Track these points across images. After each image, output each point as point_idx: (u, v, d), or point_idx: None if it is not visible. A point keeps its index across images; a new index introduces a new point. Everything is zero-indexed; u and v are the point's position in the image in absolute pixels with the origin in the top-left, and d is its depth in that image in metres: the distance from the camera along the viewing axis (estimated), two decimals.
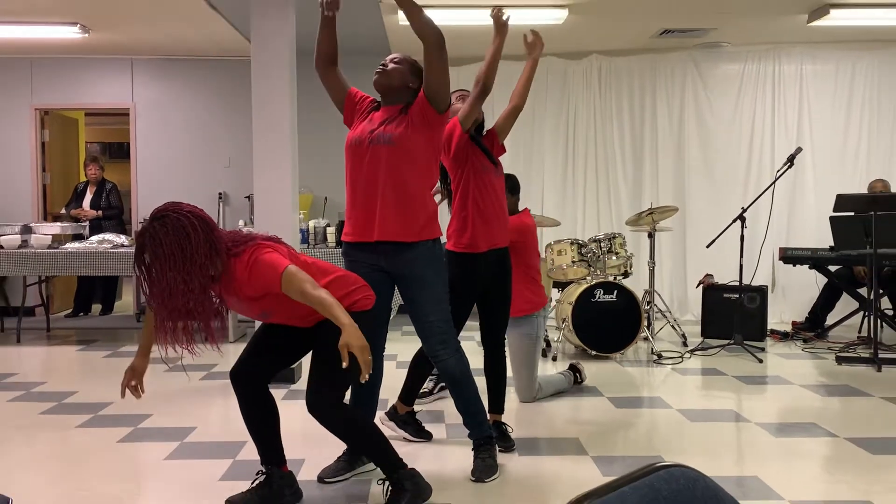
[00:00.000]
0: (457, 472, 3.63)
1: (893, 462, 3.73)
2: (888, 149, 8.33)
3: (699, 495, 1.02)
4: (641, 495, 0.95)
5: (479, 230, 3.86)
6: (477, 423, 3.62)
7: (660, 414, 4.64)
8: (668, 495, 0.98)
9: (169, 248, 2.75)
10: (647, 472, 0.99)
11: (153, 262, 2.77)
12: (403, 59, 3.51)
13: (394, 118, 3.43)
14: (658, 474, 1.00)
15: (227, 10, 6.73)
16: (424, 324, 3.49)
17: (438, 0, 6.38)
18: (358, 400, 3.64)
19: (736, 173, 8.46)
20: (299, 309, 3.05)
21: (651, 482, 0.98)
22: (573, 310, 6.10)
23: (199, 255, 2.78)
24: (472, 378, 3.59)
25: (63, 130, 9.48)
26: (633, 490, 0.95)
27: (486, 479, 3.50)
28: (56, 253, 6.80)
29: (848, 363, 6.01)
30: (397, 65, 3.49)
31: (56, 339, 7.38)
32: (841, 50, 8.31)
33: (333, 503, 3.26)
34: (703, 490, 1.03)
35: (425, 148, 3.41)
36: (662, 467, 1.02)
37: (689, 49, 8.42)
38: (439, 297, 3.48)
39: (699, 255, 8.28)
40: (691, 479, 1.03)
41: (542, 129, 8.58)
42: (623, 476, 0.98)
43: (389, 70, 3.47)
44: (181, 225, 2.77)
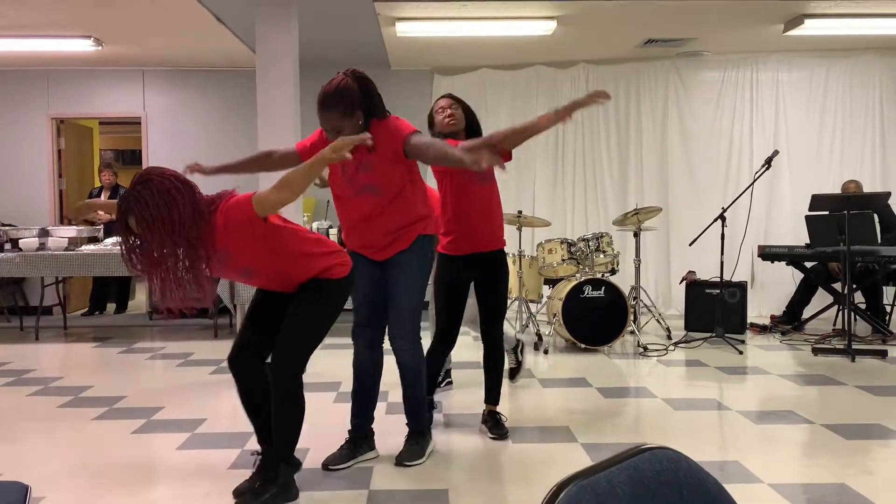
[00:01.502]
0: (452, 459, 3.63)
1: (867, 446, 3.74)
2: (860, 151, 8.34)
3: (682, 476, 1.02)
4: (628, 475, 0.95)
5: (460, 235, 3.87)
6: (416, 416, 3.66)
7: (646, 403, 4.64)
8: (653, 475, 0.98)
9: (155, 210, 2.68)
10: (633, 454, 1.00)
11: (140, 225, 2.70)
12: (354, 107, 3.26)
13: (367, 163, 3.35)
14: (643, 456, 1.00)
15: (234, 23, 6.73)
16: (395, 309, 3.51)
17: (436, 13, 6.37)
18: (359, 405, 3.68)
19: (716, 175, 8.48)
20: (279, 264, 3.00)
21: (636, 463, 0.98)
22: (563, 305, 6.10)
23: (185, 217, 2.73)
24: (423, 375, 3.64)
25: (78, 138, 9.47)
26: (619, 470, 0.95)
27: (407, 462, 3.53)
28: (72, 255, 6.79)
29: (823, 354, 6.02)
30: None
31: (73, 336, 7.37)
32: (815, 58, 8.32)
33: (337, 490, 3.26)
34: (685, 471, 1.03)
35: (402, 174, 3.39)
36: (647, 449, 1.02)
37: (671, 58, 8.43)
38: (415, 286, 3.49)
39: (682, 252, 8.29)
40: (674, 460, 1.03)
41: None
42: (609, 458, 0.98)
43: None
44: (165, 188, 2.71)
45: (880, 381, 5.14)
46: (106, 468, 3.56)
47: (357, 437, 3.65)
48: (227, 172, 3.52)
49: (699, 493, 1.02)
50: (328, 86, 3.22)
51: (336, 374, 5.53)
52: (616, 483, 0.93)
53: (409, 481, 3.34)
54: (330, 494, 3.19)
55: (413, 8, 6.23)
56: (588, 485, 0.90)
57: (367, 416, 3.69)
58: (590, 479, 0.91)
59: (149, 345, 6.86)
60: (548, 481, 3.32)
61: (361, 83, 3.26)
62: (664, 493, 0.98)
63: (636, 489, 0.95)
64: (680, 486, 1.00)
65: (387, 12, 6.34)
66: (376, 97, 3.31)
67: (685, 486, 1.01)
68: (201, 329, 7.68)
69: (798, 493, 3.14)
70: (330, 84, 3.22)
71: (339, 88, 3.18)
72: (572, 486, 0.89)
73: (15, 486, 1.93)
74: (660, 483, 0.98)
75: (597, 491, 0.90)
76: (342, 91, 3.18)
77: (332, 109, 3.18)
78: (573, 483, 0.89)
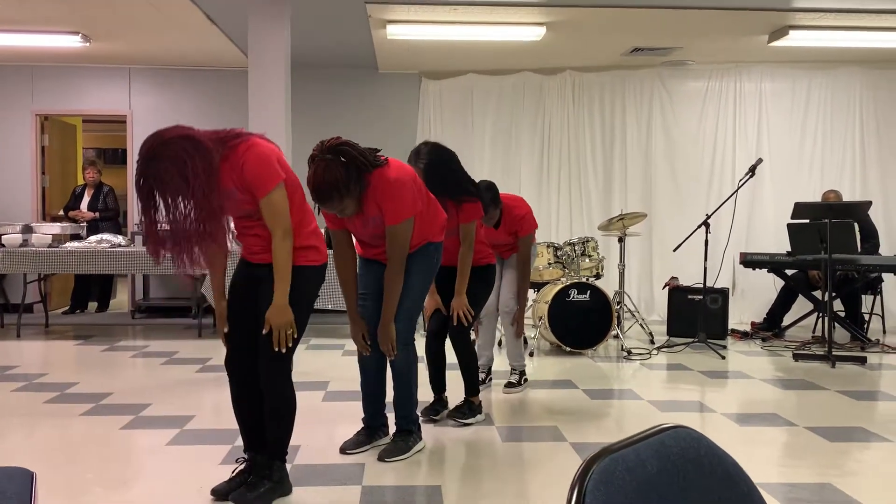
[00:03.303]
0: (445, 457, 3.66)
1: (850, 448, 3.81)
2: (840, 161, 8.48)
3: (703, 453, 1.06)
4: (654, 450, 0.99)
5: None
6: (403, 416, 3.71)
7: (631, 405, 4.69)
8: (678, 451, 1.02)
9: (174, 182, 2.71)
10: (658, 432, 1.03)
11: (165, 198, 2.73)
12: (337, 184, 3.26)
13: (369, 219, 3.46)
14: (667, 433, 1.03)
15: (224, 23, 6.73)
16: None
17: (427, 17, 6.41)
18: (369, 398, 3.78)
19: (699, 183, 8.58)
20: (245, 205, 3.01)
21: (662, 440, 1.01)
22: (549, 308, 6.15)
23: (201, 175, 2.74)
24: (414, 376, 3.69)
25: (62, 135, 9.40)
26: (646, 446, 0.99)
27: (387, 458, 3.57)
28: (57, 252, 6.75)
29: (804, 360, 6.10)
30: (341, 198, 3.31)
31: (54, 334, 7.31)
32: (797, 69, 8.46)
33: (330, 486, 3.27)
34: (706, 448, 1.06)
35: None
36: (670, 427, 1.05)
37: (656, 66, 8.53)
38: (413, 288, 3.57)
39: (664, 258, 8.38)
40: (695, 438, 1.07)
41: (519, 140, 8.64)
42: (636, 434, 1.01)
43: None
44: (176, 156, 2.72)
45: (860, 386, 5.22)
46: (96, 462, 3.55)
47: (372, 426, 3.79)
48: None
49: (719, 469, 1.06)
50: (314, 179, 3.18)
51: (324, 373, 5.54)
52: (644, 457, 0.97)
53: (401, 478, 3.36)
54: (323, 490, 3.21)
55: (404, 11, 6.26)
56: (619, 457, 0.94)
57: (378, 407, 3.80)
58: (620, 453, 0.94)
59: (132, 343, 6.82)
60: (539, 479, 3.35)
61: (342, 155, 3.23)
62: (687, 468, 1.02)
63: (662, 464, 0.98)
64: (701, 462, 1.04)
65: (378, 14, 6.37)
66: (360, 159, 3.27)
67: (706, 463, 1.05)
68: (185, 328, 7.65)
69: (784, 492, 3.19)
70: (315, 177, 3.18)
71: (326, 179, 3.16)
72: (604, 458, 0.92)
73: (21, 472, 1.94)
74: (684, 459, 1.02)
75: (627, 464, 0.94)
76: (329, 180, 3.16)
77: (329, 200, 3.22)
78: (605, 456, 0.92)
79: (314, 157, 3.22)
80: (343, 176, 3.20)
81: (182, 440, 3.90)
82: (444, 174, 3.94)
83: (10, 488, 1.82)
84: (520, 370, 5.07)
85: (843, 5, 6.16)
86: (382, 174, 3.35)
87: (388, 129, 8.63)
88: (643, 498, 0.93)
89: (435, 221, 3.65)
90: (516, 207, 4.82)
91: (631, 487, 0.92)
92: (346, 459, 3.61)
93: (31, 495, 1.81)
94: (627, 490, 0.92)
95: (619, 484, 0.92)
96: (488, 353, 5.07)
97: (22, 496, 1.78)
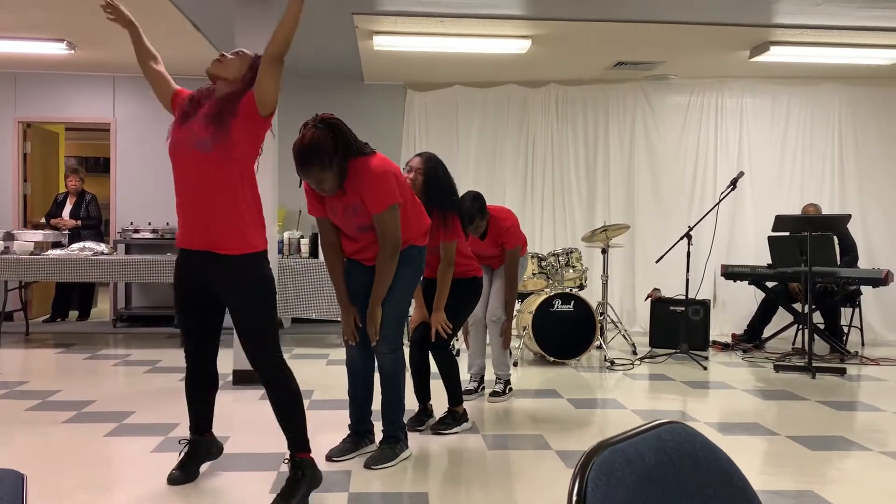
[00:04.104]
0: (431, 464, 3.66)
1: (832, 457, 3.85)
2: (819, 176, 8.60)
3: (698, 448, 1.08)
4: (652, 444, 1.01)
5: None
6: (390, 421, 3.72)
7: (615, 414, 4.72)
8: (674, 445, 1.04)
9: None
10: (656, 427, 1.05)
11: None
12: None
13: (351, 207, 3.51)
14: (664, 428, 1.06)
15: (210, 31, 6.73)
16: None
17: (414, 28, 6.45)
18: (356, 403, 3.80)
19: (681, 195, 8.67)
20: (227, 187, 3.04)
21: (658, 434, 1.04)
22: (533, 319, 6.18)
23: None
24: (402, 381, 3.70)
25: (44, 143, 9.35)
26: (644, 439, 1.01)
27: (374, 466, 3.58)
28: (39, 259, 6.70)
29: (785, 371, 6.17)
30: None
31: (35, 342, 7.25)
32: (778, 85, 8.57)
33: (316, 492, 3.27)
34: (701, 443, 1.09)
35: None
36: (667, 422, 1.08)
37: (639, 80, 8.62)
38: (397, 295, 3.59)
39: (646, 270, 8.45)
40: (690, 433, 1.09)
41: (503, 152, 8.70)
42: (634, 428, 1.03)
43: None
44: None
45: (840, 396, 5.28)
46: (80, 469, 3.52)
47: (358, 432, 3.80)
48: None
49: (714, 464, 1.08)
50: (301, 142, 3.22)
51: (308, 382, 5.53)
52: (642, 450, 0.99)
53: (388, 485, 3.37)
54: (311, 497, 3.20)
55: (391, 22, 6.30)
56: (618, 450, 0.96)
57: (365, 413, 3.82)
58: (619, 445, 0.97)
59: (114, 351, 6.78)
60: (525, 486, 3.37)
61: (333, 129, 3.28)
62: (683, 461, 1.04)
63: (659, 457, 1.01)
64: (697, 457, 1.07)
65: (365, 25, 6.40)
66: (350, 139, 3.33)
67: (701, 458, 1.07)
68: (168, 337, 7.61)
69: (766, 499, 3.23)
70: (303, 140, 3.23)
71: (312, 143, 3.20)
72: (605, 450, 0.94)
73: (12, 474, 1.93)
74: (680, 453, 1.04)
75: (626, 456, 0.96)
76: (315, 146, 3.20)
77: (310, 166, 3.24)
78: (606, 448, 0.95)
79: (305, 124, 3.29)
80: (329, 147, 3.24)
81: (167, 447, 3.88)
82: (441, 176, 4.03)
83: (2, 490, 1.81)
84: (504, 379, 5.09)
85: (823, 22, 6.26)
86: (366, 162, 3.39)
87: (373, 140, 8.52)
88: (642, 489, 0.96)
89: (420, 224, 3.67)
90: (503, 219, 4.85)
91: (630, 479, 0.95)
92: (332, 467, 3.61)
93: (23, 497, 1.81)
94: (627, 481, 0.94)
95: (619, 475, 0.94)
96: (479, 363, 5.09)
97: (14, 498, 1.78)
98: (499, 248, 4.90)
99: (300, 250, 7.27)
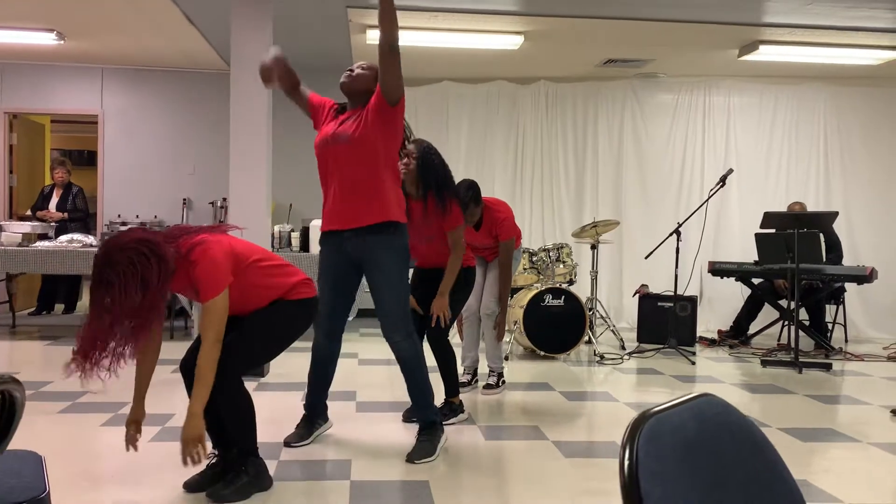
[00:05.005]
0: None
1: (822, 448, 3.92)
2: (805, 174, 8.71)
3: (733, 420, 1.12)
4: (693, 414, 1.05)
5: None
6: (423, 407, 3.72)
7: (607, 406, 4.77)
8: (712, 416, 1.08)
9: (126, 292, 2.70)
10: (695, 398, 1.09)
11: (114, 302, 2.71)
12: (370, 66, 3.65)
13: (353, 118, 3.59)
14: (701, 399, 1.10)
15: (203, 24, 6.72)
16: (380, 305, 3.63)
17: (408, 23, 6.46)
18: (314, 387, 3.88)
19: (668, 192, 8.75)
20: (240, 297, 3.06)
21: (698, 404, 1.08)
22: (524, 313, 6.22)
23: (154, 279, 2.75)
24: (423, 364, 3.70)
25: (30, 135, 9.28)
26: (685, 409, 1.05)
27: (417, 460, 3.56)
28: (27, 251, 6.66)
29: (772, 366, 6.25)
30: (364, 70, 3.63)
31: (21, 334, 7.20)
32: (764, 84, 8.67)
33: (317, 481, 3.29)
34: (735, 416, 1.13)
35: (384, 141, 3.54)
36: (703, 395, 1.12)
37: (628, 78, 8.69)
38: (393, 281, 3.59)
39: (634, 267, 8.52)
40: (725, 406, 1.13)
41: (493, 147, 8.74)
42: (675, 399, 1.07)
43: (356, 75, 3.63)
44: (131, 262, 2.73)
45: (827, 390, 5.37)
46: (79, 458, 3.53)
47: (311, 415, 3.88)
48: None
49: (748, 435, 1.12)
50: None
51: (298, 375, 5.54)
52: (685, 418, 1.02)
53: (390, 473, 3.39)
54: (311, 485, 3.23)
55: None
56: (664, 418, 0.99)
57: (321, 396, 3.91)
58: (663, 414, 1.00)
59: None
60: (524, 474, 3.41)
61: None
62: (720, 432, 1.08)
63: (700, 425, 1.04)
64: (731, 428, 1.10)
65: (359, 19, 6.42)
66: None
67: (736, 430, 1.11)
68: None
69: None
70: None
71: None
72: (651, 419, 0.98)
73: (31, 455, 1.95)
74: (717, 423, 1.08)
75: (671, 424, 1.00)
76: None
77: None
78: (651, 417, 0.98)
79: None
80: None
81: (164, 437, 3.89)
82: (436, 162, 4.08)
83: (25, 468, 1.83)
84: (498, 371, 5.12)
85: (811, 21, 6.35)
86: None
87: None
88: (687, 456, 0.99)
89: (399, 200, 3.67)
90: (498, 211, 4.88)
91: (676, 445, 0.98)
92: (331, 455, 3.63)
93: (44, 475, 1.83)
94: (674, 447, 0.98)
95: (665, 442, 0.97)
96: (472, 355, 5.12)
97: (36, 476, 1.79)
98: (493, 240, 4.93)
99: (290, 244, 7.27)
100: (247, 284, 3.04)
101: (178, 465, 3.42)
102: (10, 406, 1.44)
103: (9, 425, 1.45)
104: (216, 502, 3.02)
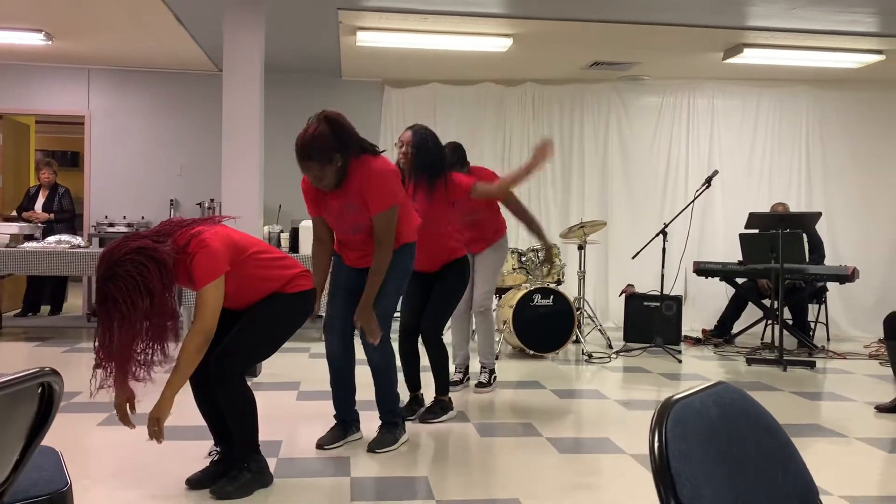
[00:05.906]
0: (429, 450, 3.74)
1: (810, 443, 4.02)
2: (787, 175, 8.84)
3: (748, 406, 1.18)
4: (714, 400, 1.11)
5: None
6: (387, 411, 3.82)
7: (598, 403, 4.84)
8: (730, 403, 1.14)
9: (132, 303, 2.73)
10: (714, 386, 1.15)
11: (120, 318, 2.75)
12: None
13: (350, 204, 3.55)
14: (720, 387, 1.16)
15: (193, 25, 6.73)
16: None
17: (397, 24, 6.52)
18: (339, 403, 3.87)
19: (654, 194, 8.85)
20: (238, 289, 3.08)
21: (718, 391, 1.14)
22: (513, 313, 6.28)
23: (158, 285, 2.78)
24: (393, 372, 3.77)
25: (15, 135, 9.23)
26: (707, 395, 1.11)
27: (377, 449, 3.68)
28: (14, 252, 6.64)
29: (756, 364, 6.36)
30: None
31: (8, 336, 7.17)
32: (747, 87, 8.80)
33: (318, 477, 3.33)
34: (750, 402, 1.19)
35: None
36: (720, 383, 1.18)
37: (613, 81, 8.78)
38: (385, 290, 3.64)
39: (620, 267, 8.61)
40: (741, 393, 1.19)
41: (481, 149, 8.79)
42: (697, 387, 1.13)
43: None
44: (130, 275, 2.75)
45: (812, 388, 5.48)
46: (79, 456, 3.54)
47: (344, 421, 3.84)
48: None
49: (762, 419, 1.19)
50: (303, 136, 3.33)
51: (294, 374, 5.57)
52: (707, 405, 1.08)
53: (389, 469, 3.44)
54: (312, 481, 3.27)
55: (375, 18, 6.36)
56: (688, 403, 1.05)
57: (349, 403, 3.86)
58: (689, 399, 1.06)
59: (90, 345, 6.70)
60: (522, 469, 3.46)
61: (334, 126, 3.37)
62: (738, 417, 1.14)
63: (721, 411, 1.10)
64: (748, 412, 1.17)
65: (349, 21, 6.46)
66: (352, 137, 3.43)
67: (752, 414, 1.18)
68: None
69: None
70: (305, 134, 3.33)
71: (314, 138, 3.31)
72: (677, 404, 1.03)
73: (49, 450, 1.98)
74: (735, 408, 1.14)
75: (695, 408, 1.05)
76: (317, 140, 3.31)
77: (310, 160, 3.34)
78: (677, 402, 1.04)
79: (310, 119, 3.37)
80: (331, 143, 3.33)
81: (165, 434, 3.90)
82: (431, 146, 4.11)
83: (46, 462, 1.87)
84: (490, 368, 5.17)
85: (795, 25, 6.46)
86: (368, 161, 3.47)
87: None
88: (712, 440, 1.05)
89: (410, 222, 3.75)
90: (485, 176, 4.86)
91: (701, 428, 1.04)
92: (331, 453, 3.68)
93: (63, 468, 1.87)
94: (699, 430, 1.04)
95: (691, 425, 1.03)
96: (463, 353, 5.16)
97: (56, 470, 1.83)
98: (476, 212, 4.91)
99: (280, 244, 7.29)
100: (245, 276, 3.06)
101: (184, 462, 3.46)
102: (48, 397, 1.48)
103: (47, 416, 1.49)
104: (219, 499, 3.06)
